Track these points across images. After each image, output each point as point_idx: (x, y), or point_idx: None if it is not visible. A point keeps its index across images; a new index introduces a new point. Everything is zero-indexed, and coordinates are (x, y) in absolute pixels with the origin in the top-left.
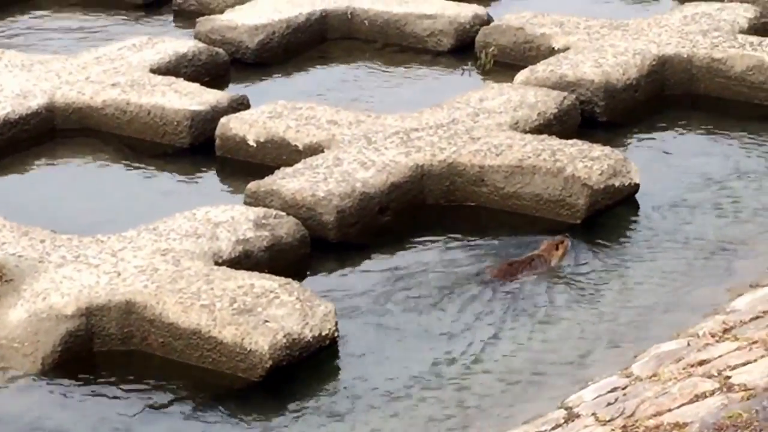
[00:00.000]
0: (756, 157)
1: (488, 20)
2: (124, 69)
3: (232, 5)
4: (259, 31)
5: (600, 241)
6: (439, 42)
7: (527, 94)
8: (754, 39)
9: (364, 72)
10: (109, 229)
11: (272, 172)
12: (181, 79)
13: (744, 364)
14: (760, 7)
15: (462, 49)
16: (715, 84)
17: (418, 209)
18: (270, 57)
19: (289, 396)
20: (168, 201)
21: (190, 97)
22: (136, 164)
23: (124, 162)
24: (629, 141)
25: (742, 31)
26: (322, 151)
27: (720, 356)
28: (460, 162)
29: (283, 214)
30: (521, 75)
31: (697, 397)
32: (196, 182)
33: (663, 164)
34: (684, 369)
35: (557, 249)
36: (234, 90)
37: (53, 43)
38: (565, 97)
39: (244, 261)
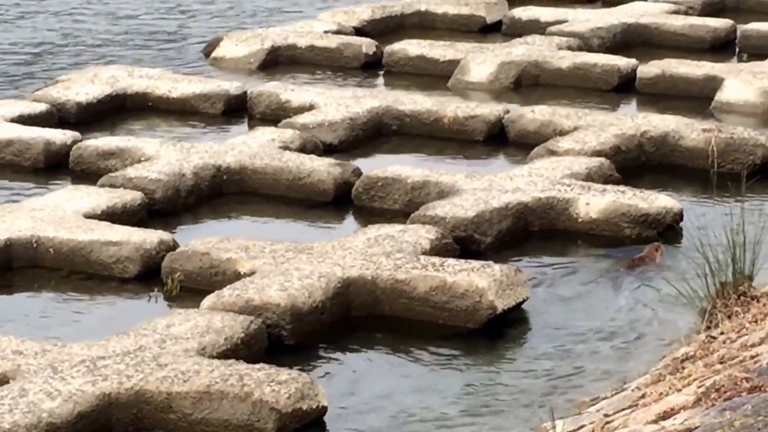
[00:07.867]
0: (442, 377)
1: (174, 246)
2: None
3: None
4: None
5: None
6: (125, 268)
7: (214, 320)
8: (437, 260)
9: (49, 301)
10: None
11: None
12: None
13: None
14: (441, 228)
15: (148, 275)
16: (399, 305)
17: None
18: None
19: None
20: None
21: None
22: None
23: None
24: (317, 363)
25: (424, 252)
26: (8, 382)
27: None
28: (147, 389)
29: None
30: (208, 300)
31: None
32: None
33: (351, 385)
34: None
35: (657, 251)
36: None
37: None
38: (251, 322)
39: None
